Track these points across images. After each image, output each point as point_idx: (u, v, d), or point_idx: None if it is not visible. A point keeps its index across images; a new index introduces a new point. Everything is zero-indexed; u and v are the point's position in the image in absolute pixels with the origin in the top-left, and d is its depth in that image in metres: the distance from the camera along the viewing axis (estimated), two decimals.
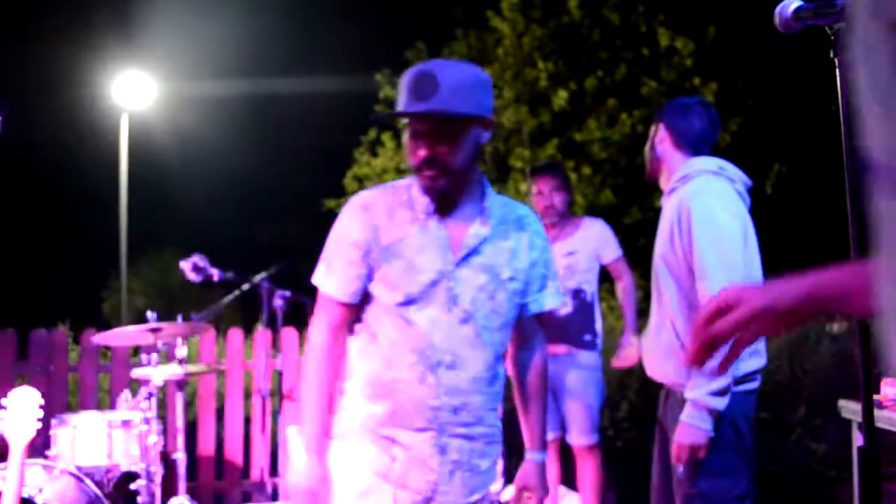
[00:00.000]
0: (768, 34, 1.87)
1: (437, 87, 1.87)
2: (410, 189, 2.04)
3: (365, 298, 2.04)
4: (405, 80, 1.93)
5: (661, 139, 2.68)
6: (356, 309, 2.06)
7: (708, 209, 2.44)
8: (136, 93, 15.93)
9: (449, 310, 1.98)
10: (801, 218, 10.87)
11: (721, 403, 2.38)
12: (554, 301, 2.16)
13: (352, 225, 2.03)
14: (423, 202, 2.00)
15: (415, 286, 1.97)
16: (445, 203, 2.00)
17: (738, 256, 2.42)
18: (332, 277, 2.05)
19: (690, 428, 2.40)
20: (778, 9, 1.64)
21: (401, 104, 1.93)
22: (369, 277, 2.02)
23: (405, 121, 2.00)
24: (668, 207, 2.60)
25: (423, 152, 1.92)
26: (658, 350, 2.62)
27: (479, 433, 2.04)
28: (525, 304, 2.11)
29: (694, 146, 2.64)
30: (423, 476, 1.99)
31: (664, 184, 2.71)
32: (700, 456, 2.41)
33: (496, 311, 2.02)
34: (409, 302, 1.98)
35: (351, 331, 2.09)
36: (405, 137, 1.99)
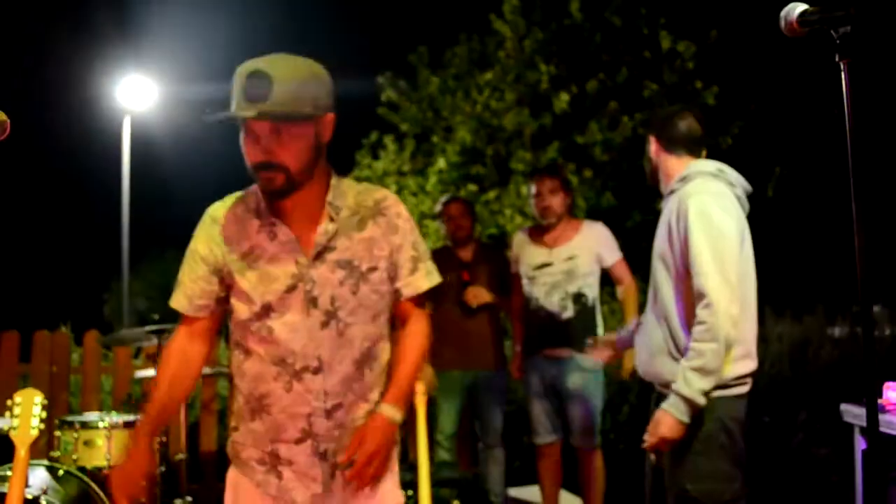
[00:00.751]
0: (770, 37, 1.88)
1: (270, 87, 1.78)
2: (258, 195, 1.98)
3: (230, 314, 2.01)
4: (238, 79, 1.82)
5: (654, 150, 2.75)
6: (213, 320, 2.04)
7: (705, 208, 2.46)
8: (138, 95, 15.95)
9: (308, 313, 1.93)
10: (802, 221, 10.85)
11: (703, 400, 2.38)
12: (427, 281, 2.08)
13: (200, 239, 2.01)
14: (268, 207, 1.95)
15: (271, 294, 1.93)
16: (290, 205, 1.93)
17: (734, 255, 2.44)
18: (179, 291, 2.03)
19: (668, 417, 2.40)
20: (783, 12, 1.65)
21: (234, 104, 1.83)
22: (227, 292, 1.99)
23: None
24: (667, 208, 2.62)
25: (258, 155, 1.85)
26: (650, 349, 2.63)
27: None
28: (398, 290, 2.05)
29: (685, 146, 2.68)
30: (308, 489, 1.96)
31: (664, 188, 2.74)
32: (665, 449, 2.41)
33: (362, 305, 1.97)
34: (266, 312, 1.94)
35: (231, 348, 2.05)
36: (241, 137, 1.89)
